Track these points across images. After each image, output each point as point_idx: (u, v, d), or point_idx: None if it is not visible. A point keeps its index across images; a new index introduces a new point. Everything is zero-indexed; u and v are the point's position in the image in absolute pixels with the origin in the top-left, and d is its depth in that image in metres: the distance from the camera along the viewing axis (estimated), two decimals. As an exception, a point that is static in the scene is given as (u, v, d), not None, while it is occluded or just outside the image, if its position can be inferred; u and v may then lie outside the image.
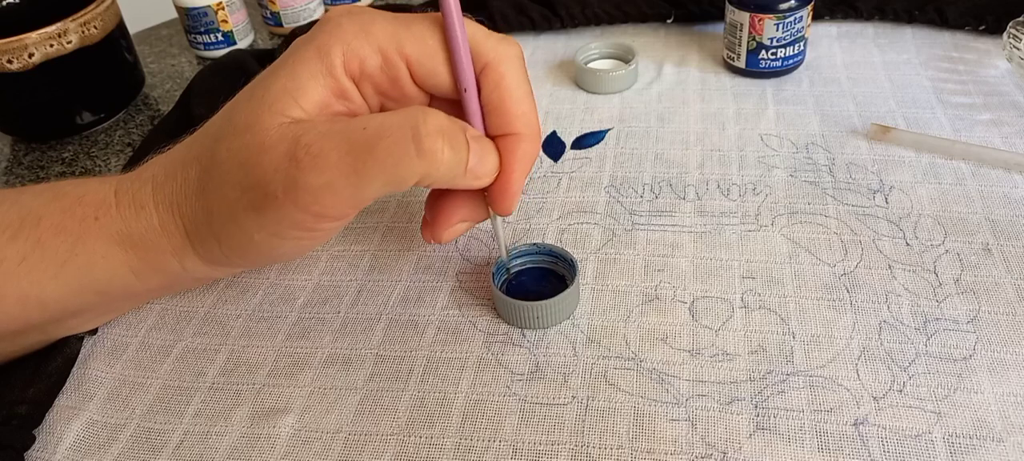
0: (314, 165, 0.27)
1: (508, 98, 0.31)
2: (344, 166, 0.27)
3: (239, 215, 0.30)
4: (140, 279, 0.33)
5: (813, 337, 0.34)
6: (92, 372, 0.36)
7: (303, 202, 0.28)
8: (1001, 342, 0.33)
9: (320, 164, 0.27)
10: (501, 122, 0.31)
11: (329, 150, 0.27)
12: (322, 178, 0.27)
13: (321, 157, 0.27)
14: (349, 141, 0.27)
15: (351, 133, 0.28)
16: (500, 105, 0.31)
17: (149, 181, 0.32)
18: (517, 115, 0.31)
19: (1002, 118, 0.46)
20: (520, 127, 0.31)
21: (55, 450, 0.32)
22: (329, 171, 0.27)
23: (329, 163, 0.27)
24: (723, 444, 0.30)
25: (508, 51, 0.31)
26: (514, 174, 0.31)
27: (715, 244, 0.39)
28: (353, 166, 0.27)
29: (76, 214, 0.32)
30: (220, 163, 0.30)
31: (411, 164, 0.27)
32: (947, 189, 0.41)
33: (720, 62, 0.55)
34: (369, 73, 0.30)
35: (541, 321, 0.35)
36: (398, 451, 0.31)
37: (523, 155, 0.31)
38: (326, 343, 0.36)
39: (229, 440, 0.32)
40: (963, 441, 0.29)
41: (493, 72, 0.31)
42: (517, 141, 0.31)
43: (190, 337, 0.37)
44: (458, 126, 0.29)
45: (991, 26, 0.54)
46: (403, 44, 0.30)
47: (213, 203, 0.30)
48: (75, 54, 0.54)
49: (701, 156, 0.46)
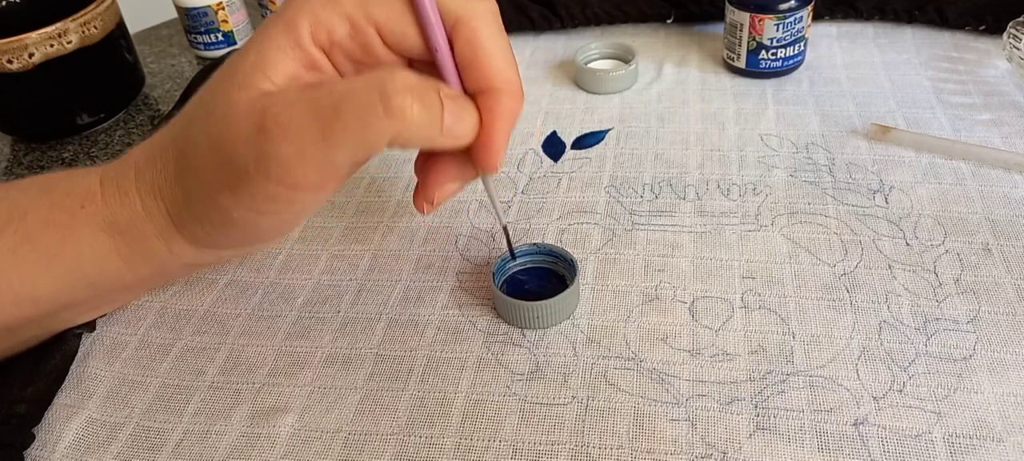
0: (283, 134, 0.27)
1: (482, 54, 0.30)
2: (312, 132, 0.27)
3: (216, 195, 0.30)
4: (130, 266, 0.33)
5: (813, 337, 0.34)
6: (91, 370, 0.36)
7: (275, 174, 0.28)
8: (1001, 342, 0.33)
9: (289, 133, 0.27)
10: (477, 78, 0.30)
11: (297, 117, 0.27)
12: (291, 147, 0.27)
13: (289, 126, 0.27)
14: (316, 106, 0.27)
15: (318, 98, 0.27)
16: (474, 61, 0.30)
17: (132, 168, 0.33)
18: (493, 70, 0.30)
19: (1002, 118, 0.46)
20: (498, 82, 0.30)
21: (54, 448, 0.32)
22: (298, 139, 0.27)
23: (297, 131, 0.27)
24: (723, 444, 0.30)
25: (479, 7, 0.30)
26: (496, 130, 0.30)
27: (715, 244, 0.39)
28: (321, 131, 0.27)
29: (64, 206, 0.32)
30: (194, 145, 0.30)
31: (380, 124, 0.27)
32: (947, 189, 0.41)
33: (720, 62, 0.55)
34: (338, 41, 0.30)
35: (541, 321, 0.35)
36: (398, 451, 0.31)
37: (503, 111, 0.30)
38: (326, 342, 0.36)
39: (229, 439, 0.32)
40: (963, 441, 0.29)
41: (465, 28, 0.30)
42: (496, 96, 0.30)
43: (190, 336, 0.37)
44: (430, 84, 0.28)
45: (991, 26, 0.54)
46: (371, 9, 0.29)
47: (190, 186, 0.30)
48: (75, 54, 0.54)
49: (701, 156, 0.46)
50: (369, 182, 0.46)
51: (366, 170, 0.47)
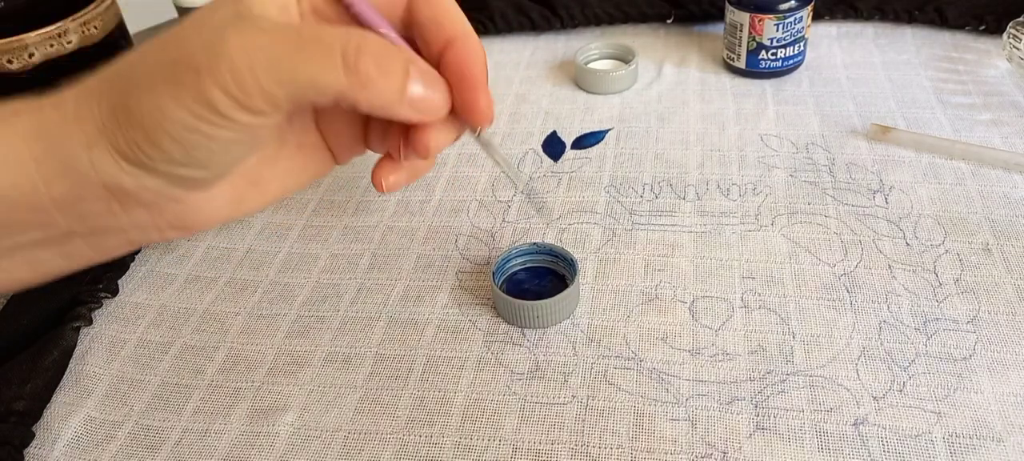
0: (242, 46, 0.28)
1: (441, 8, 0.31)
2: (270, 53, 0.28)
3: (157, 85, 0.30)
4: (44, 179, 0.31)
5: (813, 337, 0.34)
6: (90, 369, 0.36)
7: (222, 79, 0.28)
8: (1001, 342, 0.33)
9: (247, 46, 0.28)
10: (442, 32, 0.31)
11: (259, 35, 0.28)
12: (244, 59, 0.28)
13: (250, 39, 0.28)
14: (283, 35, 0.28)
15: (287, 30, 0.29)
16: (435, 16, 0.31)
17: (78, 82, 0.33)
18: (455, 19, 0.31)
19: (1002, 118, 0.46)
20: (461, 28, 0.31)
21: (53, 447, 0.32)
22: (253, 53, 0.28)
23: (255, 45, 0.28)
24: (723, 444, 0.30)
25: None
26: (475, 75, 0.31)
27: (715, 244, 0.39)
28: (278, 56, 0.28)
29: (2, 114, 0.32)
30: (154, 44, 0.30)
31: (334, 74, 0.28)
32: (947, 189, 0.41)
33: (720, 62, 0.55)
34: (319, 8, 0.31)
35: (541, 321, 0.35)
36: (398, 450, 0.31)
37: (474, 51, 0.31)
38: (326, 341, 0.36)
39: (228, 438, 0.32)
40: (963, 441, 0.29)
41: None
42: (463, 41, 0.31)
43: (189, 335, 0.37)
44: (398, 54, 0.29)
45: (991, 26, 0.54)
46: None
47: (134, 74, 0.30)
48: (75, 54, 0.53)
49: (701, 156, 0.46)
50: (368, 182, 0.46)
51: (366, 169, 0.47)
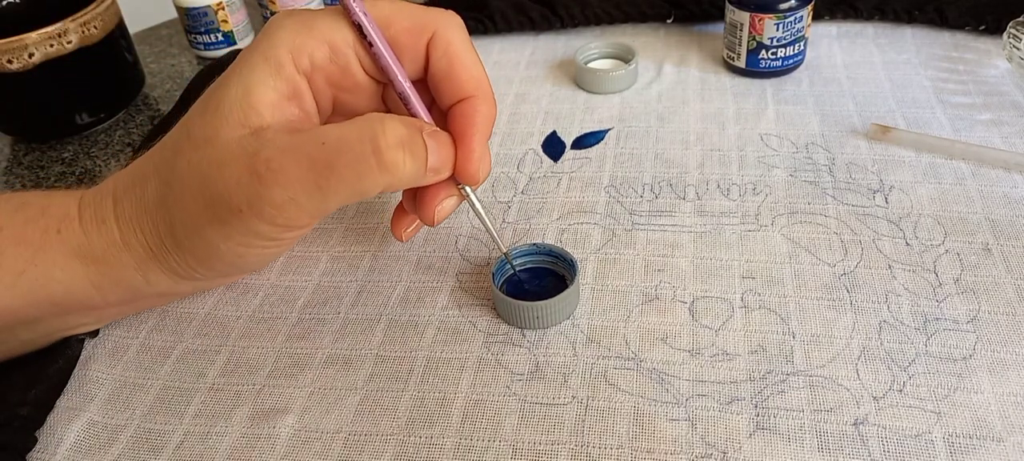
0: (276, 181, 0.28)
1: (458, 63, 0.31)
2: (307, 182, 0.28)
3: (203, 227, 0.30)
4: (100, 293, 0.33)
5: (813, 337, 0.34)
6: (93, 373, 0.36)
7: (268, 215, 0.28)
8: (1001, 342, 0.33)
9: (281, 180, 0.28)
10: (454, 88, 0.31)
11: (289, 166, 0.28)
12: (285, 194, 0.28)
13: (282, 172, 0.28)
14: (309, 157, 0.28)
15: (310, 149, 0.28)
16: (450, 71, 0.31)
17: (110, 195, 0.32)
18: (468, 79, 0.31)
19: (1002, 118, 0.46)
20: (473, 89, 0.31)
21: (56, 451, 0.32)
22: (291, 186, 0.28)
23: (290, 178, 0.28)
24: (723, 444, 0.30)
25: (450, 19, 0.31)
26: (474, 140, 0.31)
27: (715, 244, 0.39)
28: (315, 182, 0.28)
29: (39, 225, 0.32)
30: (181, 177, 0.30)
31: (373, 177, 0.28)
32: (947, 189, 0.41)
33: (720, 62, 0.55)
34: (320, 65, 0.30)
35: (541, 321, 0.35)
36: (398, 451, 0.31)
37: (481, 119, 0.31)
38: (326, 344, 0.36)
39: (229, 440, 0.32)
40: (963, 441, 0.29)
41: (441, 39, 0.31)
42: (473, 105, 0.31)
43: (191, 338, 0.37)
44: (415, 131, 0.29)
45: (991, 26, 0.54)
46: (347, 33, 0.30)
47: (175, 216, 0.31)
48: (75, 54, 0.54)
49: (701, 156, 0.46)
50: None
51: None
